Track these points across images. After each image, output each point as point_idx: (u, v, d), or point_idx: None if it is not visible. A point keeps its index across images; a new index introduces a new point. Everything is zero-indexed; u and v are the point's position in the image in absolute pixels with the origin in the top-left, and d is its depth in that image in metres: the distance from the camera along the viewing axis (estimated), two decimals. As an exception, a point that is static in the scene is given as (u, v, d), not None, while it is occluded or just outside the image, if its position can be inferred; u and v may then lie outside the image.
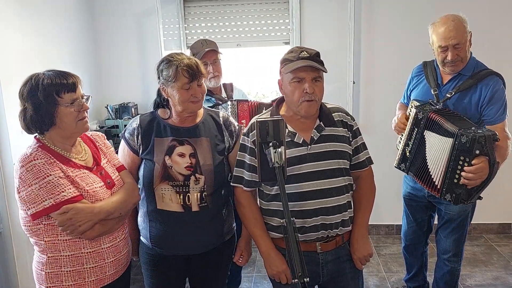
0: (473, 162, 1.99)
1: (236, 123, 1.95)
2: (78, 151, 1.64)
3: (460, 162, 2.02)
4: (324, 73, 1.73)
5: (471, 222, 3.83)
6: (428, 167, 2.19)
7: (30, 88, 1.50)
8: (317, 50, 1.71)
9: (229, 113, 2.43)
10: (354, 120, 1.83)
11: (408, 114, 2.35)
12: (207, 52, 2.57)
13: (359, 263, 1.79)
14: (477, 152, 1.97)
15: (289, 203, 1.63)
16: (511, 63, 3.49)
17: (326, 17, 3.65)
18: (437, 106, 2.22)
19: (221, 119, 1.91)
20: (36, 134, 1.57)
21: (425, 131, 2.20)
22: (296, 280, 1.23)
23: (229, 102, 2.47)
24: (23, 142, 1.59)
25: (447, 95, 2.23)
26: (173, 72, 1.71)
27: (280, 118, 1.42)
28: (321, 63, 1.69)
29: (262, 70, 4.23)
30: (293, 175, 1.67)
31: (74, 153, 1.61)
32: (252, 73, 4.27)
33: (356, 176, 1.83)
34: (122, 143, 1.88)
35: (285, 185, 1.63)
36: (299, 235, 1.67)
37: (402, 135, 2.37)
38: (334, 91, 3.64)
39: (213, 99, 2.64)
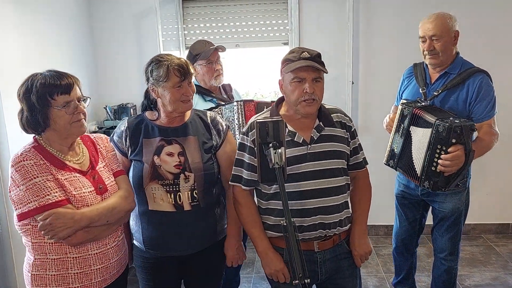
0: (449, 150, 2.05)
1: (223, 123, 1.96)
2: (75, 153, 1.61)
3: (438, 151, 2.09)
4: (323, 73, 1.73)
5: (470, 223, 3.88)
6: (413, 159, 2.25)
7: (26, 89, 1.48)
8: (317, 51, 1.72)
9: (235, 114, 2.42)
10: (351, 121, 1.85)
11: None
12: (214, 51, 2.59)
13: (359, 260, 1.81)
14: (453, 141, 2.04)
15: (288, 202, 1.65)
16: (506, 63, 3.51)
17: (325, 18, 3.66)
18: (423, 103, 2.28)
19: (208, 118, 1.92)
20: (34, 134, 1.56)
21: (411, 126, 2.25)
22: (297, 281, 1.23)
23: (235, 103, 2.46)
24: (21, 143, 1.58)
25: (434, 93, 2.29)
26: (164, 72, 1.72)
27: (280, 118, 1.42)
28: (322, 64, 1.70)
29: (261, 71, 4.23)
30: (293, 174, 1.67)
31: (70, 155, 1.59)
32: (251, 73, 4.26)
33: (353, 176, 1.85)
34: None
35: (285, 184, 1.64)
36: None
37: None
38: (332, 91, 3.64)
39: (214, 99, 2.64)
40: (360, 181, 1.88)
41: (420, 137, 2.19)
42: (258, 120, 1.40)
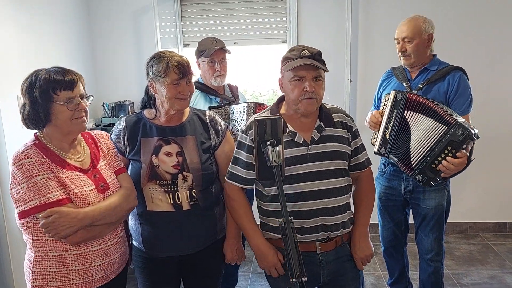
0: (457, 154, 2.08)
1: (222, 122, 1.94)
2: (76, 151, 1.61)
3: (446, 151, 2.11)
4: (324, 72, 1.72)
5: (468, 221, 3.89)
6: (410, 148, 2.25)
7: (29, 84, 1.49)
8: (318, 49, 1.70)
9: (245, 115, 2.40)
10: (353, 121, 1.82)
11: (383, 108, 2.40)
12: (217, 50, 2.57)
13: (360, 263, 1.80)
14: (464, 146, 2.08)
15: (288, 203, 1.63)
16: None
17: (323, 16, 3.65)
18: (414, 91, 2.33)
19: (207, 118, 1.91)
20: (37, 131, 1.56)
21: (405, 111, 2.26)
22: (294, 280, 1.22)
23: (245, 103, 2.44)
24: (18, 139, 1.58)
25: (419, 85, 2.35)
26: (163, 68, 1.71)
27: (278, 116, 1.41)
28: (323, 62, 1.68)
29: (259, 69, 4.22)
30: (293, 175, 1.66)
31: (71, 153, 1.59)
32: (249, 71, 4.25)
33: (355, 177, 1.83)
34: None
35: (285, 185, 1.62)
36: (298, 236, 1.66)
37: (376, 133, 2.43)
38: (331, 89, 3.62)
39: (217, 99, 2.63)
40: (362, 182, 1.85)
41: (427, 128, 2.17)
42: (256, 118, 1.39)
